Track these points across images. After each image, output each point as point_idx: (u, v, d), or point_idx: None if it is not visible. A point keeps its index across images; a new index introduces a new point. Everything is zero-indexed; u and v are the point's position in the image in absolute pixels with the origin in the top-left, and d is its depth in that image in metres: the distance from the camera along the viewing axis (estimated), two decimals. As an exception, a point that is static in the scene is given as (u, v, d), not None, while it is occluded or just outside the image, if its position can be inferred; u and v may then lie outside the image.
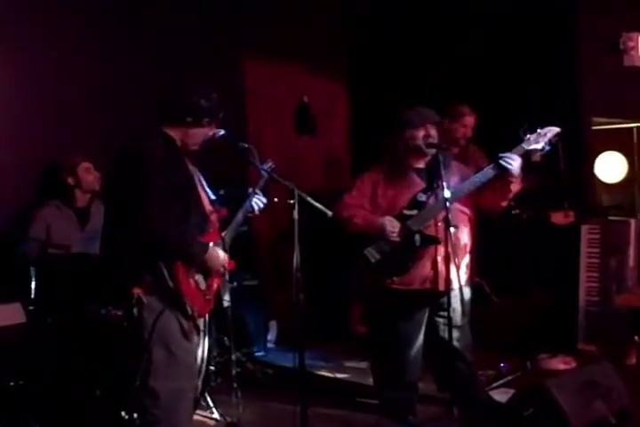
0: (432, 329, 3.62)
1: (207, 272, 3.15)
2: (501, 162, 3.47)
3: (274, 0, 6.12)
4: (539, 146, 3.54)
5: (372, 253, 3.60)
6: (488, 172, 3.53)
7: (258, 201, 3.45)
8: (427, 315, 3.62)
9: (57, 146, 4.72)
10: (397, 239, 3.53)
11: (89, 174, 4.48)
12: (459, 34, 6.19)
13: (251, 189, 3.44)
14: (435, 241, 3.50)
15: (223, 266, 3.19)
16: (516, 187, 3.60)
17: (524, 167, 3.59)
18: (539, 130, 3.55)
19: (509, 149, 3.53)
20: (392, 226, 3.54)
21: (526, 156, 3.57)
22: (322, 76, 6.63)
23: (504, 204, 3.76)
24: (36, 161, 4.65)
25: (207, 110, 3.16)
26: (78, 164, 4.47)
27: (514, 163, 3.47)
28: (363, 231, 3.60)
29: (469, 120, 5.23)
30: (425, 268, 3.55)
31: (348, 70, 6.90)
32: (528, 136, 3.55)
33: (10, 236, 4.26)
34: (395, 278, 3.53)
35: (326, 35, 6.66)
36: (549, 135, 3.55)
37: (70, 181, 4.47)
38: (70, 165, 4.47)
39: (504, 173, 3.49)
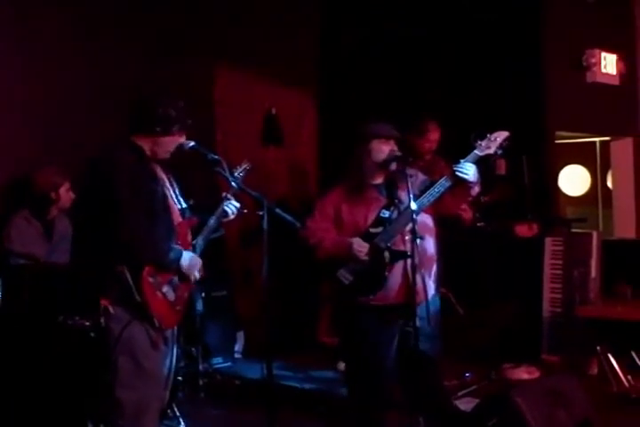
0: (402, 339, 3.65)
1: (184, 277, 3.18)
2: (457, 173, 3.53)
3: (244, 10, 6.14)
4: (491, 151, 3.61)
5: (345, 275, 3.62)
6: (445, 183, 3.58)
7: (231, 206, 3.47)
8: (400, 326, 3.65)
9: (25, 156, 4.71)
10: (366, 259, 3.57)
11: (67, 194, 4.54)
12: (427, 48, 6.28)
13: (224, 194, 3.46)
14: (404, 256, 3.53)
15: (199, 271, 3.23)
16: (475, 191, 3.67)
17: (483, 174, 3.66)
18: (488, 135, 3.62)
19: (463, 157, 3.59)
20: (360, 246, 3.57)
21: (481, 162, 3.63)
22: (291, 86, 6.66)
23: (464, 206, 3.82)
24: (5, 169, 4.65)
25: (175, 119, 3.19)
26: (63, 182, 4.51)
27: (469, 171, 3.52)
28: (332, 254, 3.63)
29: (434, 135, 5.33)
30: (397, 282, 3.58)
31: (318, 81, 6.95)
32: (479, 142, 3.61)
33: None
34: (371, 297, 3.57)
35: (297, 45, 6.69)
36: (499, 140, 3.62)
37: (53, 196, 4.50)
38: (54, 181, 4.50)
39: (462, 182, 3.56)
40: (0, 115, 4.70)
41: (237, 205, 3.45)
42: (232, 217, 3.47)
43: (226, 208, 3.43)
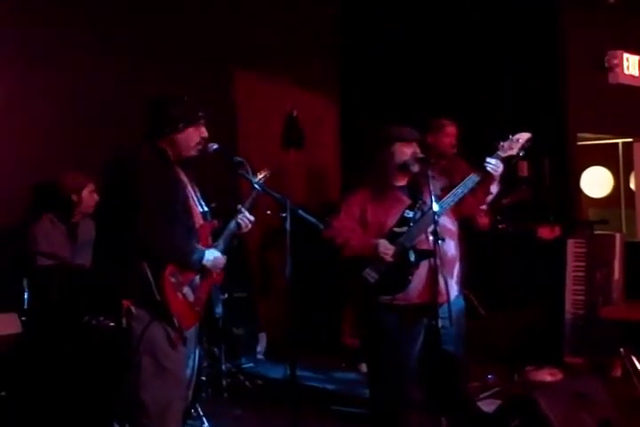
0: (428, 340, 3.66)
1: (205, 278, 3.22)
2: (488, 168, 3.55)
3: (263, 14, 6.19)
4: (513, 152, 3.63)
5: (371, 274, 3.64)
6: (471, 180, 3.60)
7: (244, 218, 3.48)
8: (424, 327, 3.66)
9: (51, 161, 4.80)
10: (392, 259, 3.59)
11: (91, 197, 4.57)
12: (448, 49, 6.29)
13: (238, 207, 3.47)
14: (429, 255, 3.55)
15: (223, 266, 3.27)
16: (494, 189, 3.68)
17: (505, 176, 3.67)
18: (510, 136, 3.64)
19: (484, 159, 3.61)
20: (385, 248, 3.59)
21: (504, 163, 3.64)
22: (311, 89, 6.70)
23: (483, 207, 3.82)
24: (29, 175, 4.73)
25: (179, 116, 3.21)
26: (85, 185, 4.55)
27: (498, 169, 3.56)
28: (358, 254, 3.65)
29: (451, 130, 5.32)
30: (421, 282, 3.60)
31: (338, 84, 6.98)
32: (502, 144, 3.63)
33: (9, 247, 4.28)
34: (395, 296, 3.58)
35: (316, 48, 6.73)
36: (522, 141, 3.64)
37: (74, 198, 4.55)
38: (78, 184, 4.55)
39: (487, 177, 3.58)
40: (27, 120, 4.78)
41: (251, 218, 3.45)
42: (245, 230, 3.48)
43: (239, 221, 3.43)
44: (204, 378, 4.45)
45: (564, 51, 6.08)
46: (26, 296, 4.03)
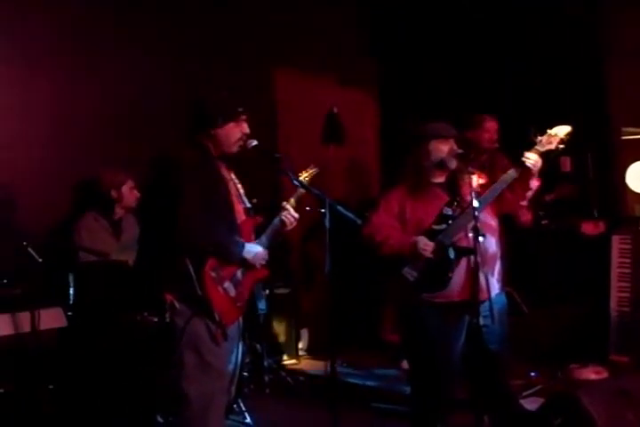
0: (470, 338, 3.64)
1: (247, 273, 3.26)
2: (526, 163, 3.51)
3: (302, 12, 6.20)
4: (552, 146, 3.56)
5: (410, 272, 3.63)
6: (509, 176, 3.56)
7: (289, 216, 3.50)
8: (466, 325, 3.64)
9: (94, 159, 4.87)
10: (431, 256, 3.57)
11: (131, 193, 4.65)
12: (486, 44, 6.22)
13: (283, 204, 3.49)
14: (469, 252, 3.52)
15: (263, 260, 3.30)
16: (534, 184, 3.63)
17: (547, 172, 3.62)
18: (548, 131, 3.58)
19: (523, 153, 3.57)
20: (425, 245, 3.58)
21: (543, 158, 3.59)
22: (351, 86, 6.70)
23: (524, 203, 3.77)
24: (71, 172, 4.80)
25: (219, 112, 3.24)
26: (124, 181, 4.62)
27: (537, 164, 3.51)
28: (397, 252, 3.64)
29: (491, 125, 5.27)
30: (462, 279, 3.58)
31: (378, 80, 6.96)
32: (539, 138, 3.57)
33: (53, 243, 4.36)
34: (436, 294, 3.57)
35: (355, 45, 6.73)
36: (560, 134, 3.57)
37: (113, 194, 4.62)
38: (117, 181, 4.63)
39: (525, 171, 3.53)
40: (69, 118, 4.86)
41: (296, 215, 3.47)
42: (290, 227, 3.49)
43: (284, 218, 3.45)
44: (246, 374, 4.48)
45: (607, 42, 5.97)
46: (71, 292, 4.10)
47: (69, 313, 3.98)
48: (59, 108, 4.81)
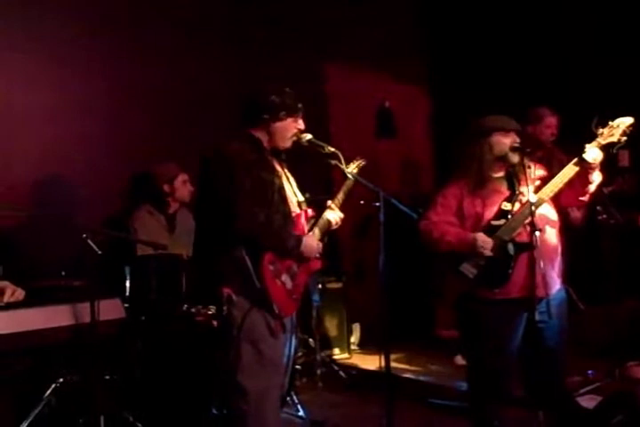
0: (528, 334, 3.59)
1: (303, 262, 3.27)
2: (587, 156, 3.43)
3: (353, 6, 6.18)
4: (614, 139, 3.48)
5: (469, 269, 3.58)
6: (570, 169, 3.49)
7: (334, 215, 3.49)
8: (524, 321, 3.59)
9: (150, 152, 4.93)
10: (490, 254, 3.52)
11: (184, 186, 4.68)
12: (540, 35, 6.11)
13: (328, 203, 3.48)
14: (528, 247, 3.45)
15: (318, 253, 3.31)
16: (596, 178, 3.55)
17: (606, 165, 3.54)
18: (610, 122, 3.49)
19: (583, 147, 3.49)
20: (484, 242, 3.53)
21: (604, 151, 3.51)
22: (403, 80, 6.67)
23: (584, 198, 3.69)
24: (129, 166, 4.89)
25: (281, 104, 3.25)
26: (177, 175, 4.67)
27: (598, 157, 3.44)
28: (455, 249, 3.60)
29: (552, 120, 5.17)
30: (521, 275, 3.52)
31: (430, 73, 6.91)
32: (601, 130, 3.49)
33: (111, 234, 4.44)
34: (496, 290, 3.53)
35: (407, 38, 6.69)
36: (622, 126, 3.48)
37: (166, 188, 4.66)
38: (170, 174, 4.67)
39: (585, 165, 3.45)
40: (125, 114, 4.93)
41: (341, 215, 3.46)
42: (335, 227, 3.48)
43: (330, 217, 3.44)
44: (298, 367, 4.50)
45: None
46: (127, 284, 4.16)
47: (126, 305, 4.04)
48: (114, 103, 4.88)
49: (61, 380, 3.86)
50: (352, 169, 3.66)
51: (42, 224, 3.80)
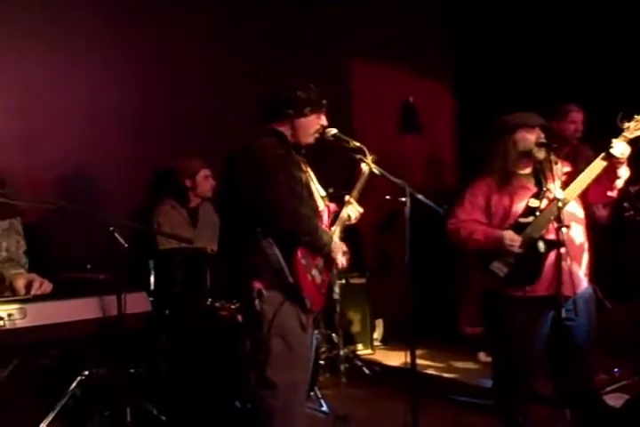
0: (555, 332, 3.56)
1: (329, 260, 3.25)
2: (614, 151, 3.39)
3: (379, 3, 6.16)
4: None
5: (500, 268, 3.56)
6: (597, 165, 3.45)
7: (354, 210, 3.47)
8: (551, 319, 3.56)
9: (174, 147, 4.97)
10: (520, 251, 3.49)
11: (206, 181, 4.69)
12: (563, 29, 6.05)
13: (347, 198, 3.46)
14: (558, 245, 3.42)
15: (343, 253, 3.29)
16: (624, 173, 3.50)
17: (634, 161, 3.50)
18: (636, 116, 3.45)
19: (609, 142, 3.45)
20: (512, 240, 3.50)
21: (631, 145, 3.46)
22: (427, 76, 6.64)
23: (612, 194, 3.65)
24: (151, 161, 4.92)
25: (306, 100, 3.24)
26: (199, 170, 4.68)
27: (625, 151, 3.39)
28: (483, 247, 3.57)
29: (577, 116, 5.12)
30: (550, 273, 3.49)
31: (454, 69, 6.87)
32: (627, 124, 3.44)
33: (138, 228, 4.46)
34: (527, 288, 3.50)
35: (431, 34, 6.67)
36: None
37: (188, 183, 4.68)
38: (191, 169, 4.69)
39: (612, 160, 3.41)
40: (148, 111, 4.94)
41: (360, 209, 3.44)
42: (354, 222, 3.46)
43: (349, 212, 3.42)
44: (322, 362, 4.50)
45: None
46: (152, 278, 4.18)
47: (150, 299, 4.05)
48: (140, 101, 4.89)
49: (87, 372, 3.90)
50: (365, 165, 3.59)
51: (69, 218, 3.83)
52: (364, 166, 3.47)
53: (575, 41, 6.01)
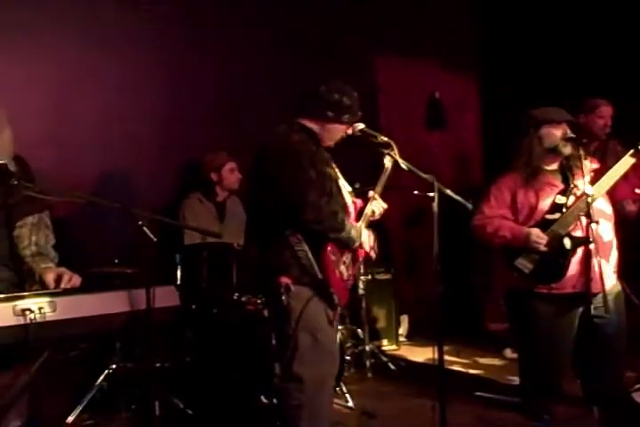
0: (584, 329, 3.53)
1: (355, 255, 3.24)
2: None
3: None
4: None
5: (525, 264, 3.54)
6: (625, 161, 3.41)
7: (378, 205, 3.46)
8: (579, 317, 3.53)
9: (202, 141, 4.98)
10: (545, 249, 3.46)
11: (232, 174, 4.69)
12: (595, 25, 5.98)
13: (371, 194, 3.44)
14: (585, 241, 3.39)
15: (372, 249, 3.30)
16: None
17: None
18: None
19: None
20: (538, 237, 3.47)
21: None
22: (453, 70, 6.60)
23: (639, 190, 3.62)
24: (178, 156, 4.94)
25: (348, 108, 3.21)
26: (224, 163, 4.68)
27: None
28: (509, 244, 3.54)
29: (606, 110, 5.05)
30: (576, 270, 3.46)
31: (480, 64, 6.83)
32: None
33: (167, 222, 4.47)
34: (553, 285, 3.47)
35: (457, 30, 6.63)
36: None
37: (213, 177, 4.69)
38: (217, 163, 4.70)
39: None
40: (177, 106, 4.96)
41: (384, 205, 3.42)
42: (378, 217, 3.44)
43: (374, 208, 3.41)
44: (348, 358, 4.50)
45: None
46: (178, 272, 4.19)
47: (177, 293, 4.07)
48: (169, 99, 4.91)
49: (114, 366, 3.93)
50: (388, 160, 3.54)
51: (98, 212, 3.86)
52: (386, 162, 3.44)
53: (607, 34, 5.95)
